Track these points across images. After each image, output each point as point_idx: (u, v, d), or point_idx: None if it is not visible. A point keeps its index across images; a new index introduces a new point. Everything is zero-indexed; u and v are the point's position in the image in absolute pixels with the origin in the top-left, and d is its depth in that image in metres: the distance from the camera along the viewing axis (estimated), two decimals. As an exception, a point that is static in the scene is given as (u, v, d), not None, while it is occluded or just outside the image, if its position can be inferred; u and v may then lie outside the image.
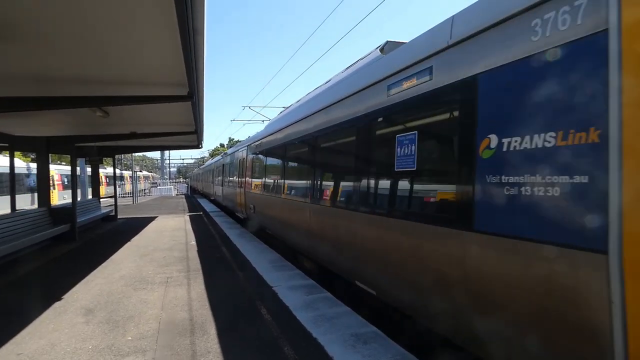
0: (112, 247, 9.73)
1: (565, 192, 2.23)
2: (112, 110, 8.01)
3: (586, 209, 2.12)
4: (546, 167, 2.34)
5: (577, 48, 2.22)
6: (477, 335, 2.82)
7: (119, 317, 4.83)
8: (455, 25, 3.28)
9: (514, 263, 2.54)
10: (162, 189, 46.15)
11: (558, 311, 2.27)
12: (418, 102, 3.69)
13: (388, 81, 4.22)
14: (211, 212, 19.69)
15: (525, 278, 2.45)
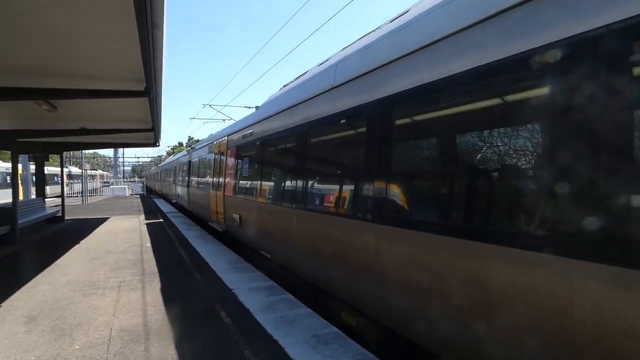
0: (59, 250, 9.12)
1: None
2: (60, 104, 7.53)
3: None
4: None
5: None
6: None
7: (66, 325, 4.53)
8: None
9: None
10: (115, 189, 43.99)
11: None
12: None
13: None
14: (168, 213, 19.02)
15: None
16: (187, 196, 16.69)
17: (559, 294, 2.06)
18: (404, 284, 3.20)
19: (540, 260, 2.14)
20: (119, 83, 6.21)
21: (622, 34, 1.85)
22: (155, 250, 9.27)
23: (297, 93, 5.86)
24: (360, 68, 4.01)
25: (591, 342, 1.92)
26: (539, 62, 2.21)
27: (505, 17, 2.45)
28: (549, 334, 2.12)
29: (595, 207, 1.98)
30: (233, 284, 6.15)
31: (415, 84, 3.15)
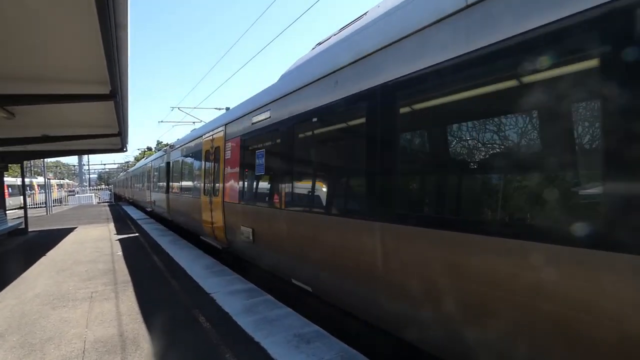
0: (24, 264, 8.68)
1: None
2: (19, 110, 7.18)
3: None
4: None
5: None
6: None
7: (36, 340, 4.33)
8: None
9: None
10: (81, 197, 42.37)
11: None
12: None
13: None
14: (139, 220, 18.49)
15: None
16: (166, 204, 14.21)
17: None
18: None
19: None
20: (83, 86, 5.98)
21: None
22: (128, 258, 9.00)
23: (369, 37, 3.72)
24: None
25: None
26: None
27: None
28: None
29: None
30: (211, 289, 6.06)
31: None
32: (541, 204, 2.27)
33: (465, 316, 2.57)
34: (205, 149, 9.08)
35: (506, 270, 2.29)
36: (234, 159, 7.17)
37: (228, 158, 7.48)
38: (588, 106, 2.15)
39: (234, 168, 7.18)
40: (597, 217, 1.97)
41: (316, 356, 3.63)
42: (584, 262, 1.96)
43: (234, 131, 7.27)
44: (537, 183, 2.33)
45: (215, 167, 8.31)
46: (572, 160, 2.20)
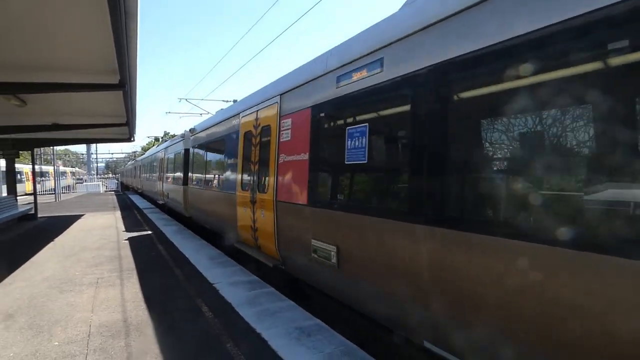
0: (33, 248, 8.87)
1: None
2: (30, 98, 7.30)
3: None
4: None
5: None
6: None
7: (44, 322, 4.46)
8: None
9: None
10: (89, 185, 42.82)
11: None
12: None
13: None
14: (145, 209, 18.69)
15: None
16: (183, 198, 12.21)
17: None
18: None
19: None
20: (92, 76, 6.06)
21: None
22: (133, 246, 9.14)
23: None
24: None
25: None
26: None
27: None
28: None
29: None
30: (214, 279, 6.15)
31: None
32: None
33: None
34: (245, 131, 6.92)
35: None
36: (297, 141, 5.07)
37: (285, 140, 5.35)
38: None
39: (296, 154, 5.04)
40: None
41: (316, 349, 3.68)
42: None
43: (299, 103, 5.16)
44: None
45: (260, 153, 6.20)
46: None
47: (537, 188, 2.39)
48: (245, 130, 6.98)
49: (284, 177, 5.32)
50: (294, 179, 5.09)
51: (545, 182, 2.42)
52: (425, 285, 2.95)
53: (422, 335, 3.11)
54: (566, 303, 2.10)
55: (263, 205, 5.90)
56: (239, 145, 7.20)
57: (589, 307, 2.02)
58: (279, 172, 5.43)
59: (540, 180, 2.42)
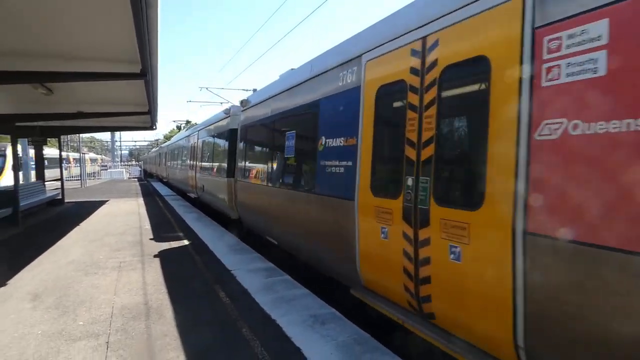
0: (60, 232, 9.23)
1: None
2: (56, 87, 7.52)
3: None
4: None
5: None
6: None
7: (69, 303, 4.66)
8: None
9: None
10: (113, 172, 44.00)
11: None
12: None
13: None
14: (166, 196, 19.10)
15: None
16: (228, 195, 9.42)
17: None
18: None
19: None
20: (114, 65, 6.18)
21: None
22: (154, 231, 9.39)
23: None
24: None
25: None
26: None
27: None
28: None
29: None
30: (232, 266, 6.27)
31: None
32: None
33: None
34: (381, 85, 3.86)
35: None
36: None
37: (567, 83, 2.23)
38: None
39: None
40: None
41: (330, 337, 3.73)
42: None
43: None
44: None
45: (440, 123, 3.13)
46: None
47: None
48: (380, 84, 3.86)
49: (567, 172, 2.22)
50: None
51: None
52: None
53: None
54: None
55: (467, 233, 2.79)
56: (363, 113, 4.10)
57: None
58: (538, 161, 2.36)
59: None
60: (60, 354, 3.44)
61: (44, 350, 3.50)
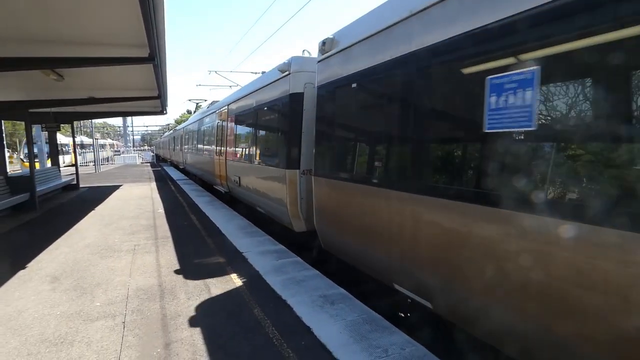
0: (76, 216, 9.45)
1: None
2: (67, 73, 7.56)
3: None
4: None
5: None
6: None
7: (87, 284, 4.81)
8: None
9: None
10: (126, 157, 44.60)
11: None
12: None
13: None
14: (179, 180, 19.32)
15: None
16: (290, 195, 6.41)
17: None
18: None
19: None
20: (123, 50, 6.17)
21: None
22: (167, 215, 9.54)
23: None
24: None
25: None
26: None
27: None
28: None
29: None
30: (243, 248, 6.36)
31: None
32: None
33: None
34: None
35: None
36: None
37: None
38: None
39: None
40: None
41: (339, 317, 3.79)
42: None
43: None
44: None
45: None
46: None
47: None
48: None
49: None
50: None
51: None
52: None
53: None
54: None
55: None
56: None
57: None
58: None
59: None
60: (79, 333, 3.57)
61: (64, 330, 3.64)
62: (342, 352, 3.15)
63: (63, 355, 3.19)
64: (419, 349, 3.19)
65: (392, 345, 3.25)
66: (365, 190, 4.28)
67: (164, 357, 3.14)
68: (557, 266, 2.25)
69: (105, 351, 3.24)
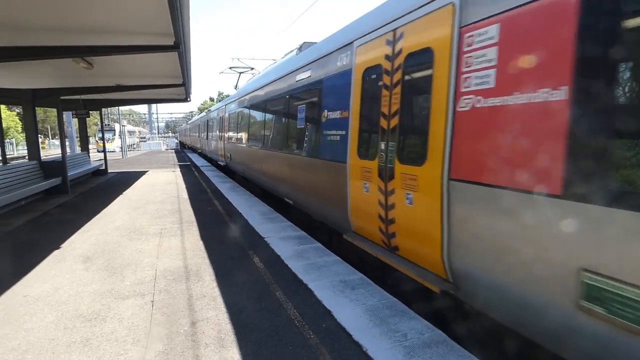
0: (105, 200, 9.82)
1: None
2: (96, 61, 7.78)
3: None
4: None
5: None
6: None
7: (117, 265, 5.03)
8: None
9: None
10: (151, 144, 45.72)
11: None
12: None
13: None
14: (202, 167, 19.70)
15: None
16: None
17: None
18: None
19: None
20: (149, 38, 6.30)
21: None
22: (192, 201, 9.79)
23: None
24: None
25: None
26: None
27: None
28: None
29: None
30: (265, 233, 6.48)
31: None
32: None
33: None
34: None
35: None
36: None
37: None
38: None
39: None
40: None
41: (359, 301, 3.85)
42: None
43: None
44: None
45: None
46: None
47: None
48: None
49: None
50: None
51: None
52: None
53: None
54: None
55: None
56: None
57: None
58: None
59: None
60: (111, 310, 3.76)
61: (97, 306, 3.84)
62: (362, 335, 3.21)
63: (97, 330, 3.38)
64: (438, 334, 3.23)
65: (412, 330, 3.29)
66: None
67: (191, 335, 3.28)
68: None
69: (136, 327, 3.41)
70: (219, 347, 3.09)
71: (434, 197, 3.40)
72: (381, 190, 4.21)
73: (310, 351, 3.02)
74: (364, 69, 4.65)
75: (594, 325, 2.20)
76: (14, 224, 7.37)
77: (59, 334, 3.31)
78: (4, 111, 36.18)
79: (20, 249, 5.84)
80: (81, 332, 3.33)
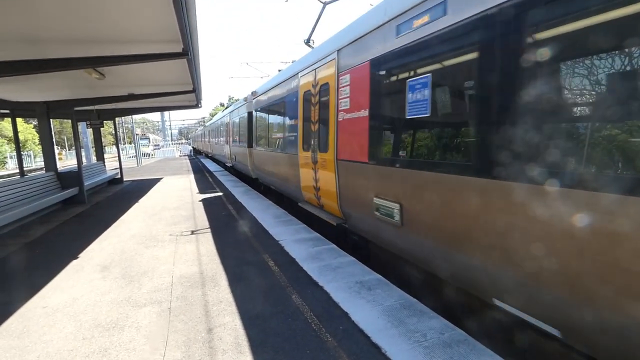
0: (121, 208, 9.96)
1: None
2: (107, 71, 7.89)
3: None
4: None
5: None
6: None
7: (134, 273, 5.06)
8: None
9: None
10: (165, 151, 46.33)
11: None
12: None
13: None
14: (215, 172, 19.84)
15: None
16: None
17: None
18: None
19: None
20: (158, 46, 6.35)
21: None
22: (206, 206, 9.84)
23: None
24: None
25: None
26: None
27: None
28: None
29: None
30: (279, 236, 6.46)
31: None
32: None
33: None
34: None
35: None
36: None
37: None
38: None
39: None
40: None
41: (376, 302, 3.79)
42: None
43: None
44: None
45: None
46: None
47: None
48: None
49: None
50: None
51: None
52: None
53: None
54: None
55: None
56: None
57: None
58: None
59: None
60: (129, 318, 3.77)
61: (114, 315, 3.86)
62: (381, 337, 3.15)
63: (115, 339, 3.39)
64: (458, 333, 3.14)
65: (431, 329, 3.22)
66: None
67: (208, 341, 3.26)
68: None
69: (154, 335, 3.42)
70: (236, 352, 3.07)
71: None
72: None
73: (328, 355, 2.97)
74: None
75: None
76: (33, 235, 7.51)
77: (77, 345, 3.33)
78: (21, 124, 37.20)
79: (39, 260, 5.94)
80: (99, 342, 3.35)
